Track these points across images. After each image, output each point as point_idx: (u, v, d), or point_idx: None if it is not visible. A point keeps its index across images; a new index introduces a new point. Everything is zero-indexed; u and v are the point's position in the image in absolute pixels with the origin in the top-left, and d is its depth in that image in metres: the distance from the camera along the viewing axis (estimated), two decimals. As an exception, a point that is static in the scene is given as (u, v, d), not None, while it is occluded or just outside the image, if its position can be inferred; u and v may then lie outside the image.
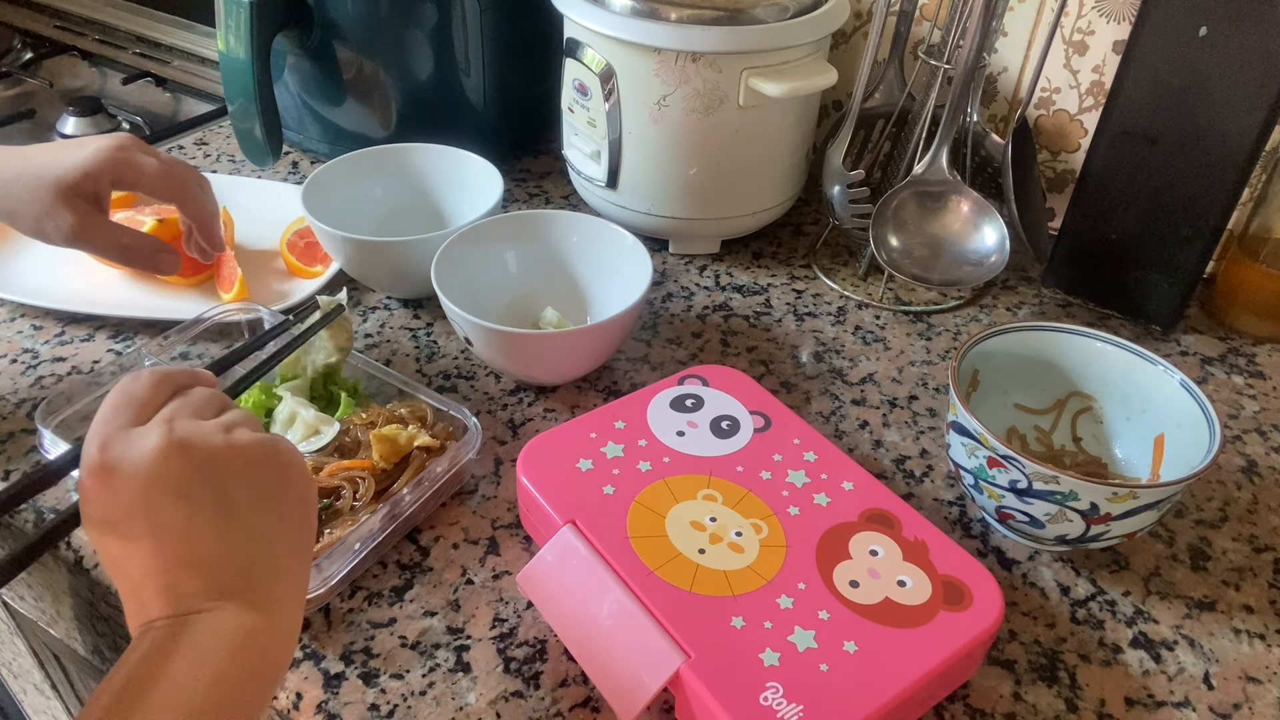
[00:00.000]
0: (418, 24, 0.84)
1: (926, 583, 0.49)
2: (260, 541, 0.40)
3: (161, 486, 0.38)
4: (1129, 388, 0.60)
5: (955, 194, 0.75)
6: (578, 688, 0.50)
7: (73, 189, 0.55)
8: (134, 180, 0.57)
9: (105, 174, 0.55)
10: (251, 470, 0.40)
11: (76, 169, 0.55)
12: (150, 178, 0.57)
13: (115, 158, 0.56)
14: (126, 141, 0.58)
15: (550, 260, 0.74)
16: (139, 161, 0.57)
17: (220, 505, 0.39)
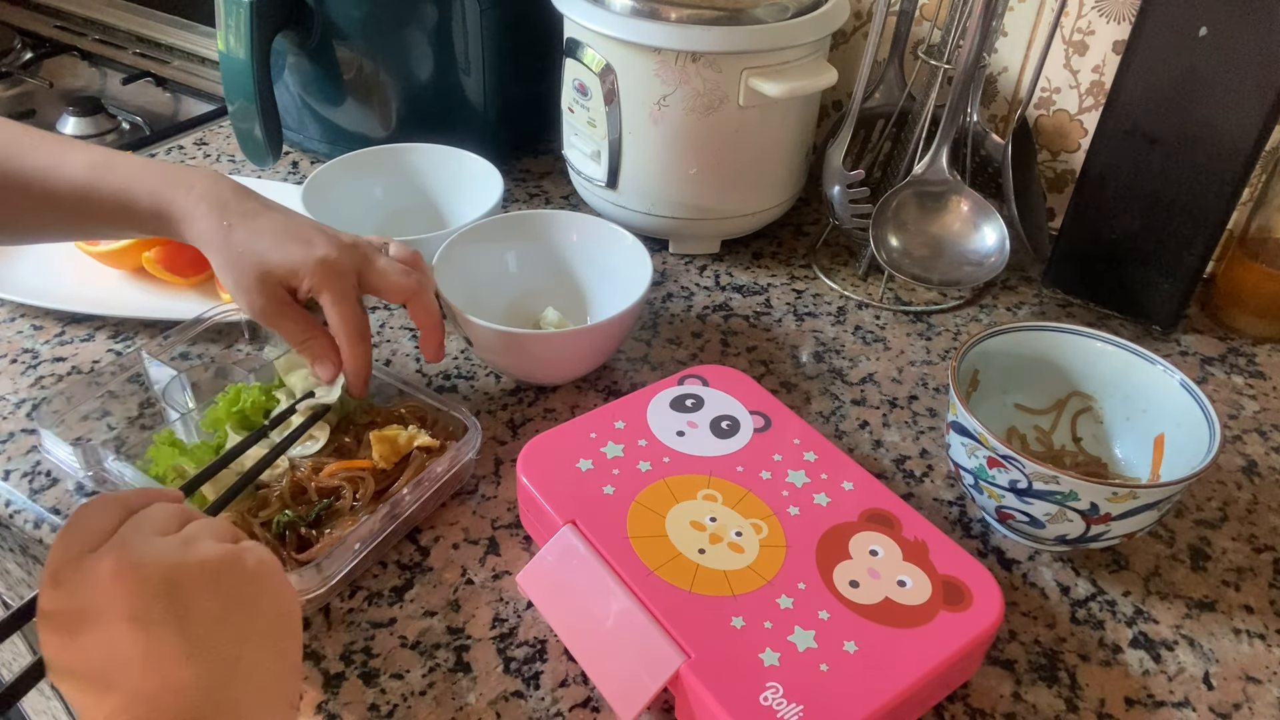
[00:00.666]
0: (418, 24, 0.84)
1: (926, 583, 0.49)
2: (229, 661, 0.37)
3: (115, 614, 0.36)
4: (1129, 388, 0.60)
5: (955, 194, 0.75)
6: (578, 688, 0.50)
7: (276, 280, 0.57)
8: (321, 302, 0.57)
9: (309, 283, 0.56)
10: (216, 584, 0.38)
11: (286, 266, 0.56)
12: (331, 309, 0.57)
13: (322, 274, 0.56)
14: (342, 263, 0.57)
15: (550, 260, 0.74)
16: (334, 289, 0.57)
17: (181, 627, 0.36)
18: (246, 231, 0.57)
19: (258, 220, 0.57)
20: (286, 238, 0.57)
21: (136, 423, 0.65)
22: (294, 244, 0.57)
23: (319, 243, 0.57)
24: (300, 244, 0.57)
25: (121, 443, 0.63)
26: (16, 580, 0.70)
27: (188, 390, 0.65)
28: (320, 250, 0.57)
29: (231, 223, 0.57)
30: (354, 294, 0.58)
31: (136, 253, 0.76)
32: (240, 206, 0.58)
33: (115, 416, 0.65)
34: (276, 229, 0.57)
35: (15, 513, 0.60)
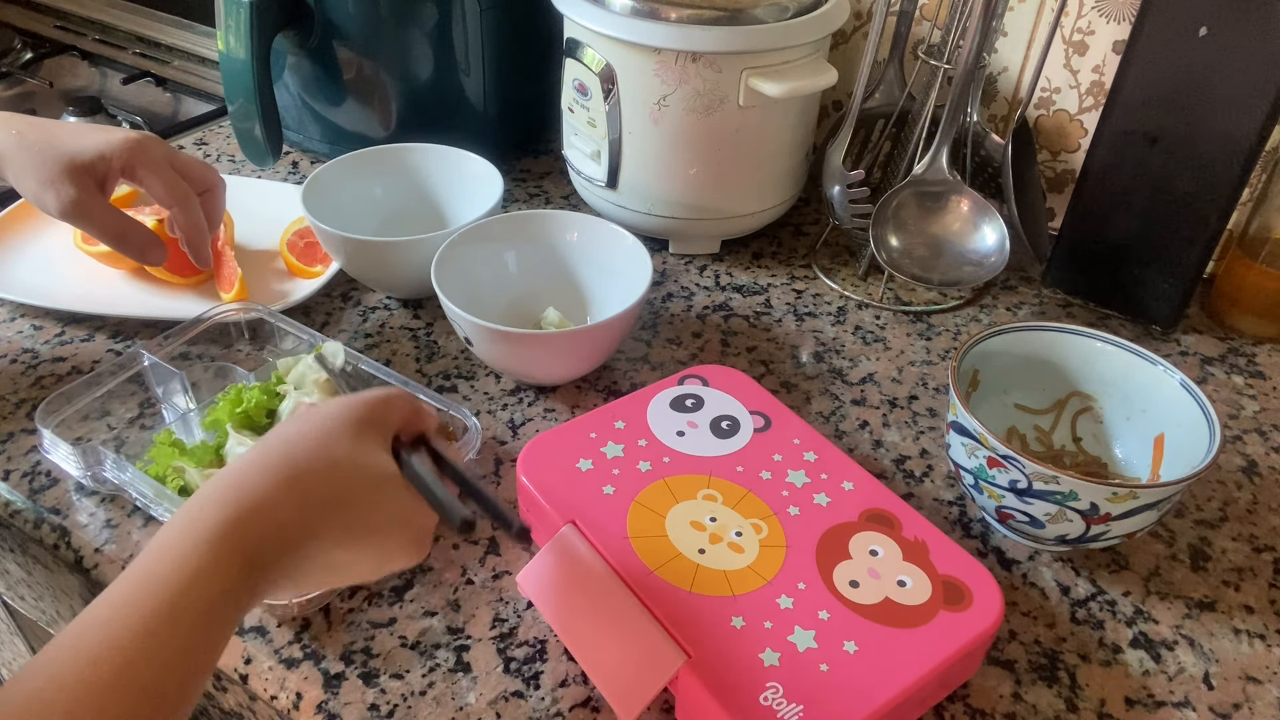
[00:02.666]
0: (418, 24, 0.84)
1: (926, 583, 0.49)
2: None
3: None
4: (1129, 388, 0.60)
5: (955, 194, 0.75)
6: (578, 688, 0.50)
7: (82, 167, 0.57)
8: (141, 178, 0.59)
9: (117, 161, 0.57)
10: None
11: (91, 149, 0.57)
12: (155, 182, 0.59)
13: (132, 150, 0.58)
14: (149, 140, 0.59)
15: (550, 260, 0.74)
16: (152, 161, 0.59)
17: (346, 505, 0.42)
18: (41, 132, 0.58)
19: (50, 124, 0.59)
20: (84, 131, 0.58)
21: (136, 423, 0.65)
22: (94, 133, 0.58)
23: (114, 130, 0.59)
24: (100, 132, 0.58)
25: (121, 443, 0.63)
26: (16, 580, 0.70)
27: (188, 390, 0.65)
28: (121, 133, 0.58)
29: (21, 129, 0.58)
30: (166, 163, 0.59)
31: (136, 253, 0.76)
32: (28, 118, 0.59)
33: (115, 416, 0.65)
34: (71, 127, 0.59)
35: (15, 513, 0.60)
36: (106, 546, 0.57)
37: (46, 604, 0.69)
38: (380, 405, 0.45)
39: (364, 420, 0.44)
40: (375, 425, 0.44)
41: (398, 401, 0.46)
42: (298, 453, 0.41)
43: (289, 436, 0.42)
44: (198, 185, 0.62)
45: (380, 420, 0.45)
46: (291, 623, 0.52)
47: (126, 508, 0.59)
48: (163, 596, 0.36)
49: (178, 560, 0.37)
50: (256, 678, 0.51)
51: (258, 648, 0.51)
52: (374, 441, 0.44)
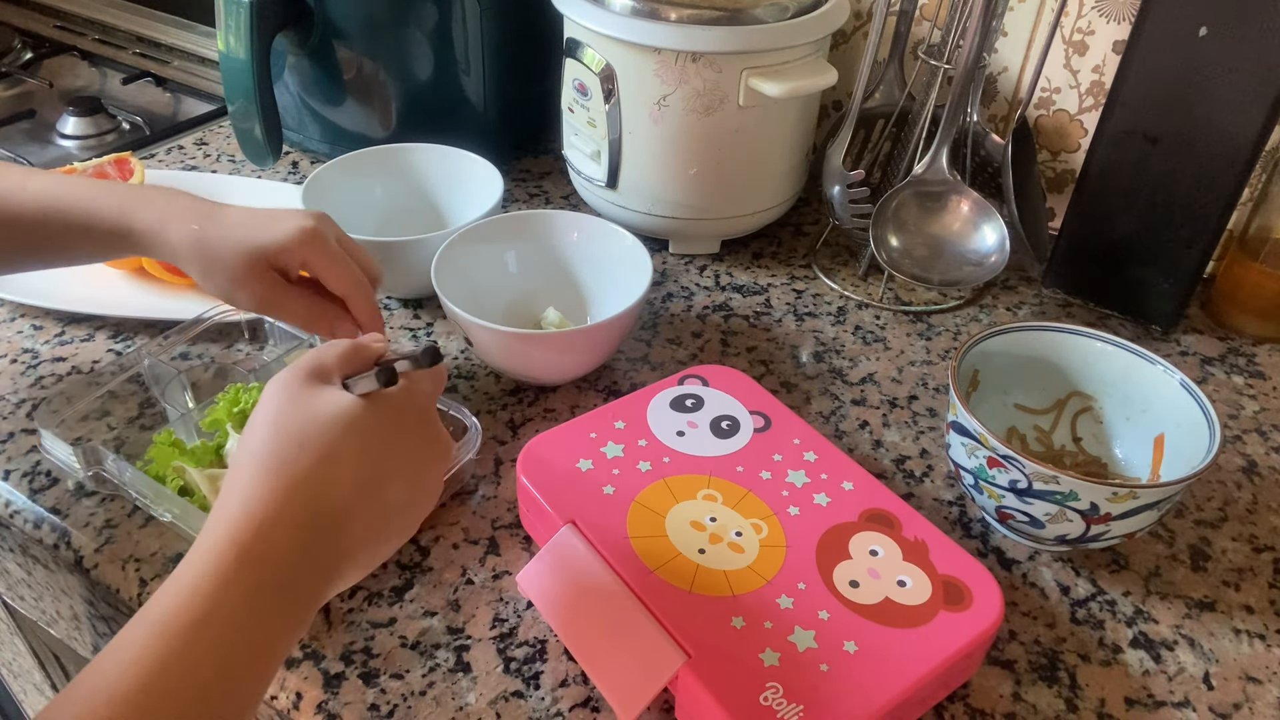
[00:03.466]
0: (418, 24, 0.84)
1: (926, 583, 0.49)
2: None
3: None
4: (1129, 388, 0.60)
5: (955, 194, 0.75)
6: (578, 688, 0.50)
7: (268, 263, 0.57)
8: (318, 268, 0.58)
9: (297, 255, 0.57)
10: None
11: (274, 245, 0.56)
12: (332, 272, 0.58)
13: (309, 241, 0.57)
14: (321, 228, 0.58)
15: (550, 260, 0.74)
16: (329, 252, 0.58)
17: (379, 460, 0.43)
18: (217, 227, 0.57)
19: (223, 214, 0.58)
20: (258, 222, 0.58)
21: (136, 423, 0.65)
22: (268, 225, 0.57)
23: (291, 217, 0.58)
24: (275, 222, 0.57)
25: (121, 443, 0.63)
26: (16, 580, 0.70)
27: (188, 390, 0.65)
28: (296, 221, 0.57)
29: (200, 225, 0.57)
30: (341, 253, 0.59)
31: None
32: (203, 209, 0.59)
33: (115, 416, 0.65)
34: (245, 216, 0.58)
35: (15, 513, 0.60)
36: (106, 546, 0.57)
37: (46, 604, 0.69)
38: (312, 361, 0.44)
39: (302, 380, 0.43)
40: (315, 378, 0.43)
41: (328, 351, 0.45)
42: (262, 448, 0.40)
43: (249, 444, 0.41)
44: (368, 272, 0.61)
45: (317, 373, 0.43)
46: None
47: (126, 508, 0.59)
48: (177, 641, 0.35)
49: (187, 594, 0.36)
50: (256, 678, 0.51)
51: (258, 648, 0.51)
52: (320, 389, 0.42)
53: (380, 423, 0.42)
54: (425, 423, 0.45)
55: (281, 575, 0.38)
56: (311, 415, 0.41)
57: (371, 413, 0.42)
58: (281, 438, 0.40)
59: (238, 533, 0.38)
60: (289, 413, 0.41)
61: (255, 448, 0.41)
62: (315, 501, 0.40)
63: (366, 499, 0.41)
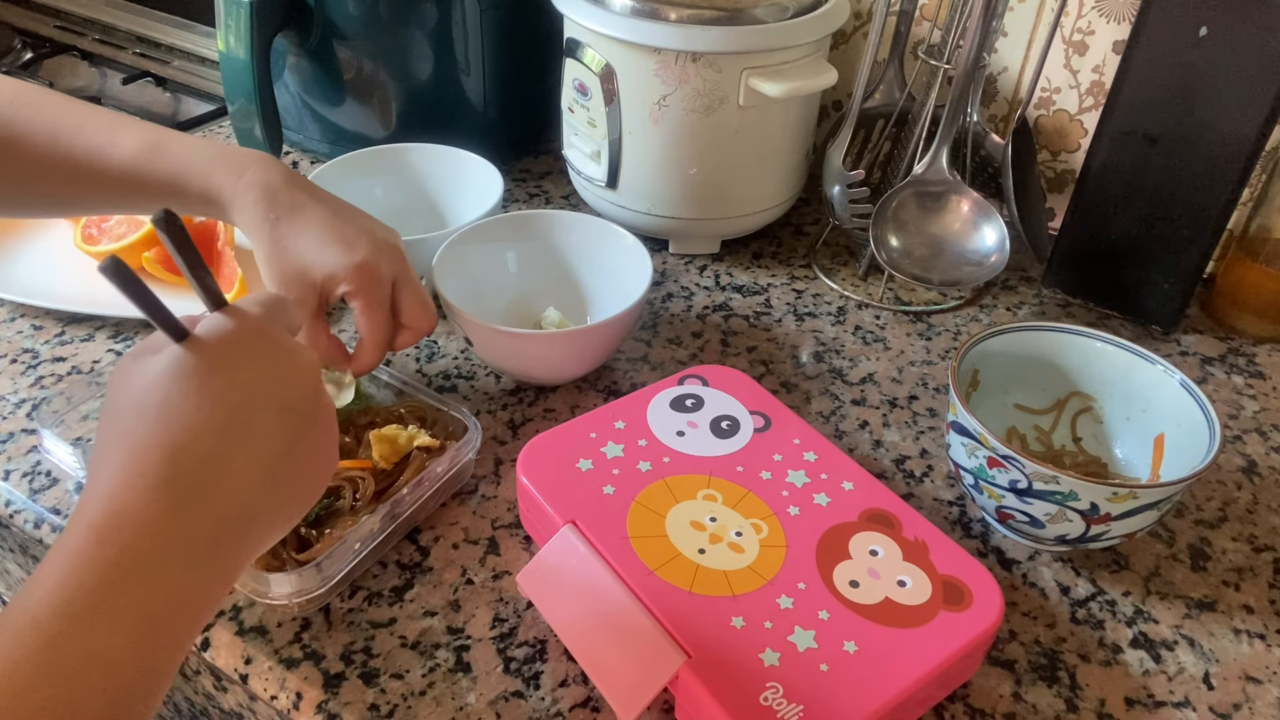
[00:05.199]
0: (418, 24, 0.84)
1: (926, 583, 0.49)
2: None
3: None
4: (1129, 388, 0.60)
5: (955, 194, 0.75)
6: (578, 688, 0.50)
7: (312, 283, 0.56)
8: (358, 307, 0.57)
9: (344, 287, 0.56)
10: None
11: (324, 268, 0.55)
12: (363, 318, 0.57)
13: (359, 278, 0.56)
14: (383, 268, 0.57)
15: (550, 260, 0.74)
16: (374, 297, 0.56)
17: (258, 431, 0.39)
18: (290, 226, 0.56)
19: (303, 214, 0.57)
20: (329, 238, 0.56)
21: (136, 423, 0.65)
22: (335, 245, 0.56)
23: (360, 246, 0.56)
24: (342, 246, 0.56)
25: (121, 443, 0.63)
26: (16, 580, 0.70)
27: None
28: (359, 255, 0.56)
29: (278, 215, 0.56)
30: (386, 303, 0.57)
31: (137, 253, 0.77)
32: (289, 198, 0.57)
33: (115, 416, 0.65)
34: (321, 226, 0.56)
35: (15, 513, 0.60)
36: (106, 546, 0.57)
37: (46, 604, 0.69)
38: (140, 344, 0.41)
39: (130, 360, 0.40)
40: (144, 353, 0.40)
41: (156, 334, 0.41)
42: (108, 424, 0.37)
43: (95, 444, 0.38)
44: (407, 322, 0.59)
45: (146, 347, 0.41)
46: (291, 623, 0.52)
47: (126, 508, 0.59)
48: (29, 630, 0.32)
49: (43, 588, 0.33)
50: (256, 678, 0.51)
51: (258, 648, 0.51)
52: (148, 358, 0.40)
53: (213, 358, 0.39)
54: (266, 340, 0.40)
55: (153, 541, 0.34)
56: (141, 381, 0.38)
57: (199, 352, 0.39)
58: (117, 414, 0.37)
59: (91, 515, 0.34)
60: (121, 390, 0.38)
61: (97, 439, 0.38)
62: (171, 457, 0.36)
63: (233, 438, 0.37)
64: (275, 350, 0.40)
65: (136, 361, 0.39)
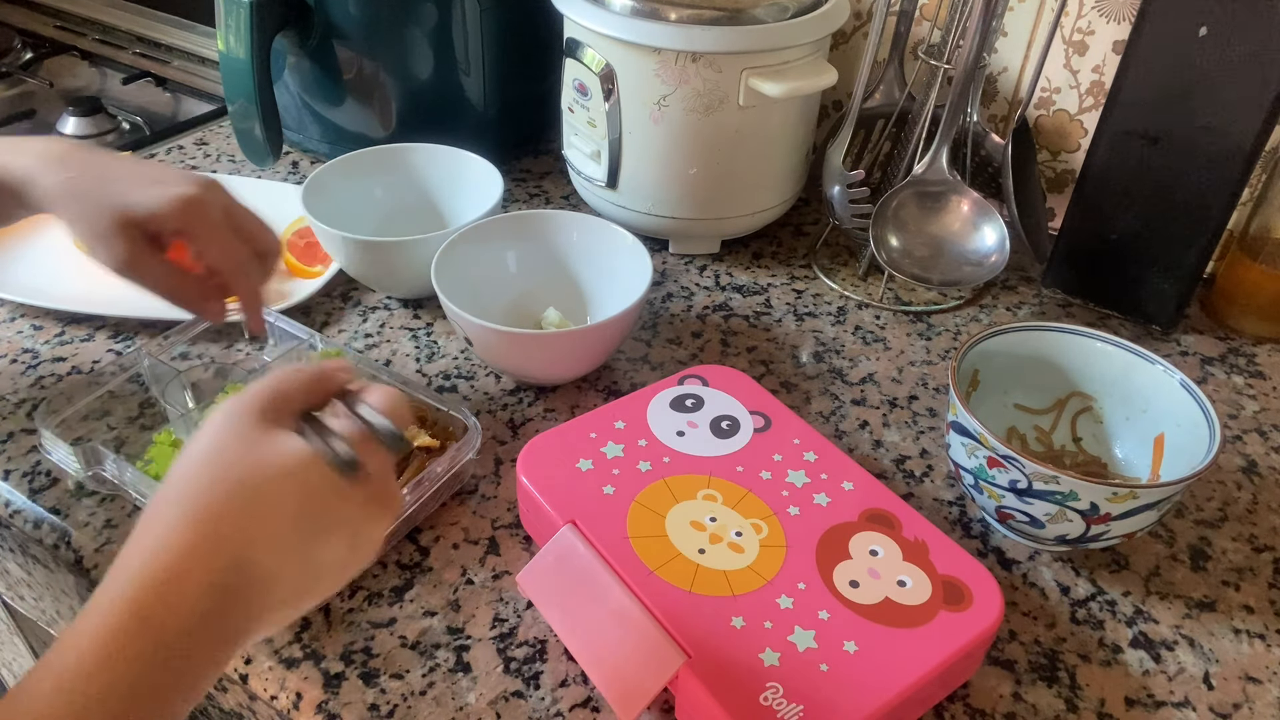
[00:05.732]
0: (418, 24, 0.84)
1: (926, 583, 0.49)
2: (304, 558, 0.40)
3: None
4: (1129, 388, 0.60)
5: (955, 194, 0.75)
6: (578, 688, 0.50)
7: (134, 223, 0.53)
8: (195, 239, 0.55)
9: (171, 221, 0.53)
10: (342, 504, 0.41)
11: (144, 206, 0.53)
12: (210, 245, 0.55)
13: (186, 210, 0.53)
14: (206, 196, 0.54)
15: (550, 260, 0.74)
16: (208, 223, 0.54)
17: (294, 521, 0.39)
18: (94, 179, 0.54)
19: (105, 167, 0.54)
20: (140, 179, 0.54)
21: (136, 423, 0.65)
22: (150, 185, 0.53)
23: (176, 180, 0.54)
24: (157, 184, 0.53)
25: (121, 443, 0.63)
26: (16, 580, 0.70)
27: (188, 390, 0.65)
28: (179, 188, 0.53)
29: (78, 173, 0.54)
30: (224, 224, 0.55)
31: (136, 253, 0.76)
32: (82, 156, 0.55)
33: (115, 416, 0.65)
34: (126, 173, 0.54)
35: (15, 513, 0.60)
36: (106, 546, 0.57)
37: (46, 604, 0.69)
38: (269, 392, 0.41)
39: (254, 415, 0.39)
40: (269, 413, 0.40)
41: (287, 380, 0.41)
42: (192, 488, 0.37)
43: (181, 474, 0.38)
44: (255, 246, 0.57)
45: (274, 406, 0.40)
46: (291, 623, 0.52)
47: (126, 508, 0.59)
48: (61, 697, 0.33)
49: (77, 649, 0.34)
50: (256, 678, 0.51)
51: (258, 648, 0.51)
52: (272, 431, 0.39)
53: (329, 482, 0.39)
54: (380, 478, 0.41)
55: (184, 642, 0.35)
56: (254, 461, 0.38)
57: (321, 471, 0.39)
58: (214, 481, 0.37)
59: (140, 590, 0.34)
60: (231, 452, 0.38)
61: (182, 486, 0.37)
62: (237, 563, 0.36)
63: (295, 562, 0.38)
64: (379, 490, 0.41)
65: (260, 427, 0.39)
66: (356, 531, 0.40)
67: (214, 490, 0.37)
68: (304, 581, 0.39)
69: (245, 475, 0.37)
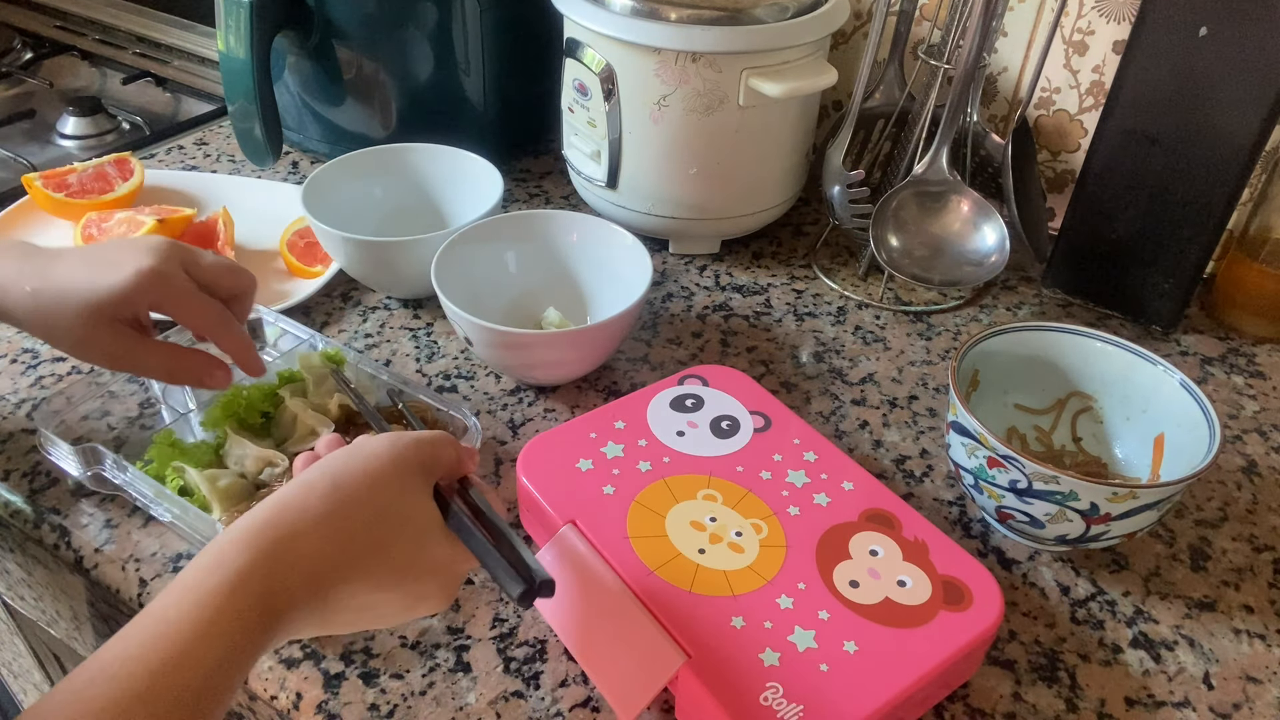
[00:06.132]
0: (418, 24, 0.84)
1: (926, 583, 0.49)
2: None
3: None
4: (1129, 388, 0.60)
5: (955, 194, 0.75)
6: (578, 688, 0.50)
7: (111, 315, 0.52)
8: (170, 311, 0.54)
9: (143, 300, 0.52)
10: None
11: (114, 294, 0.51)
12: (186, 314, 0.54)
13: (152, 287, 0.52)
14: (167, 266, 0.53)
15: (550, 260, 0.74)
16: (177, 293, 0.53)
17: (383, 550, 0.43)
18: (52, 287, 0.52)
19: (57, 270, 0.53)
20: (93, 273, 0.52)
21: (136, 423, 0.65)
22: (105, 271, 0.52)
23: (130, 257, 0.52)
24: (111, 268, 0.52)
25: (121, 443, 0.63)
26: (16, 580, 0.70)
27: (187, 390, 0.65)
28: (134, 264, 0.52)
29: (34, 286, 0.52)
30: (192, 288, 0.54)
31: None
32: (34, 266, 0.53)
33: (115, 416, 0.65)
34: (78, 271, 0.53)
35: (15, 513, 0.60)
36: (106, 546, 0.57)
37: (46, 604, 0.69)
38: (429, 449, 0.45)
39: (413, 465, 0.43)
40: (423, 471, 0.44)
41: (445, 447, 0.46)
42: (346, 495, 0.41)
43: (338, 477, 0.42)
44: (227, 294, 0.56)
45: (428, 466, 0.44)
46: None
47: (126, 508, 0.59)
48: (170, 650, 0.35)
49: (193, 607, 0.36)
50: (256, 678, 0.51)
51: (258, 648, 0.51)
52: (420, 488, 0.44)
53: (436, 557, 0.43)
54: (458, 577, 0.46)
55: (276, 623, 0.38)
56: (400, 506, 0.42)
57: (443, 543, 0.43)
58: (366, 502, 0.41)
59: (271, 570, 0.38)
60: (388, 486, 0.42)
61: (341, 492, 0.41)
62: (344, 579, 0.40)
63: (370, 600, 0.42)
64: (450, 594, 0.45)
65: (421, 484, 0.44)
66: (418, 602, 0.44)
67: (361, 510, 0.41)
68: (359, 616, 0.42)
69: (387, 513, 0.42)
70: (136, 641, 0.35)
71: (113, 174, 0.86)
